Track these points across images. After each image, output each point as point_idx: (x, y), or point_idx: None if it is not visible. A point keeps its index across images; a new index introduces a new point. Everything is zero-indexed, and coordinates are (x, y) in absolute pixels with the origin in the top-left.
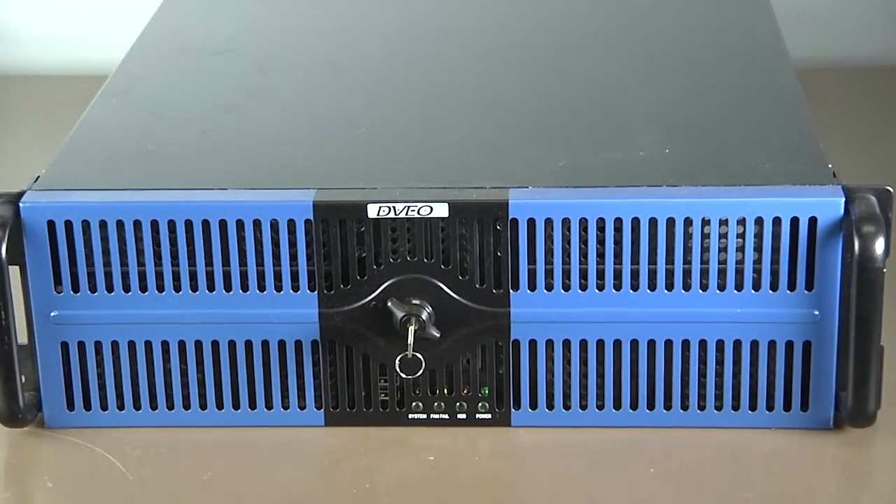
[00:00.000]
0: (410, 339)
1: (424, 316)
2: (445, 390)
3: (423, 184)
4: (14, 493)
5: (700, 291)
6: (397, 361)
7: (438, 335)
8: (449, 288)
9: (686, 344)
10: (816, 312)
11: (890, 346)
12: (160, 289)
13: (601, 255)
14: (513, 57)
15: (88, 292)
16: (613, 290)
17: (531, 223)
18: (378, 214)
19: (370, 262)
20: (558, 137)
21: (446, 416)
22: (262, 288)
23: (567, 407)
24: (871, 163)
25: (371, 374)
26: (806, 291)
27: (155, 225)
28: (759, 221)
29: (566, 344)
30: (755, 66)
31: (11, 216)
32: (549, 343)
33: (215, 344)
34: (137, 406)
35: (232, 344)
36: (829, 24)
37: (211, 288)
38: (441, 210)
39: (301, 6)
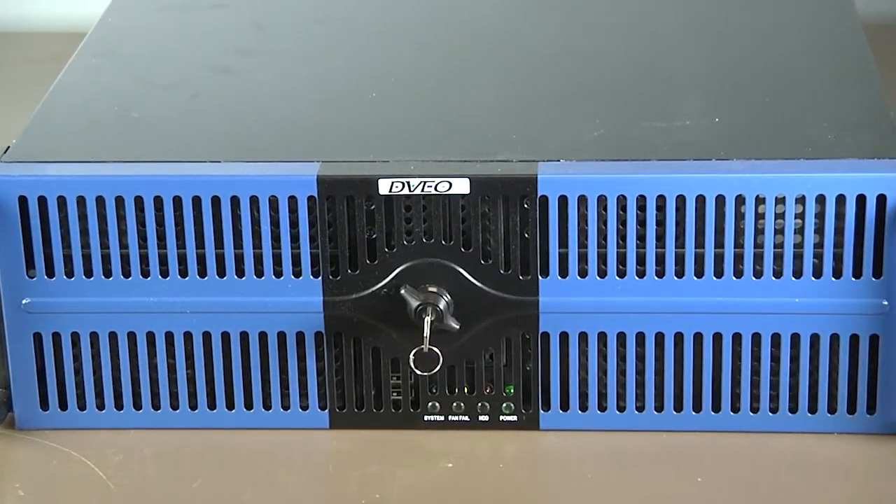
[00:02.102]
0: (426, 332)
1: (442, 305)
2: (465, 389)
3: (441, 156)
4: None
5: (753, 279)
6: (411, 356)
7: (458, 327)
8: (470, 274)
9: (737, 338)
10: (885, 302)
11: None
12: (145, 274)
13: (641, 238)
14: (544, 15)
15: (64, 277)
16: (655, 277)
17: (563, 201)
18: (390, 191)
19: (381, 245)
20: (594, 105)
21: (466, 418)
22: (259, 273)
23: (602, 408)
24: None
25: (382, 371)
26: (873, 279)
27: (139, 202)
28: (820, 200)
29: (601, 337)
30: (816, 24)
31: None
32: (583, 336)
33: (207, 336)
34: (119, 405)
35: (226, 336)
36: None
37: (202, 273)
38: (461, 186)
39: None
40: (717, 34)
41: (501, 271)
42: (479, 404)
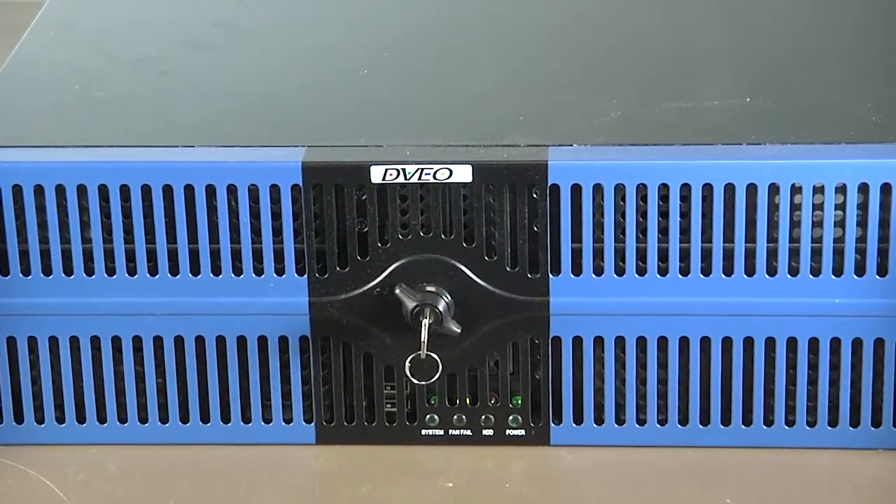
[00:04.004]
0: (424, 336)
1: (441, 307)
2: (468, 400)
3: (440, 141)
4: None
5: (788, 277)
6: (407, 363)
7: (459, 331)
8: (472, 271)
9: (770, 343)
10: None
11: None
12: (110, 271)
13: (664, 231)
14: None
15: (20, 275)
16: (679, 275)
17: (576, 190)
18: (384, 179)
19: (374, 240)
20: (610, 83)
21: (469, 433)
22: (237, 271)
23: (620, 421)
24: None
25: (374, 380)
26: None
27: (104, 191)
28: (863, 188)
29: (619, 342)
30: None
31: None
32: (598, 341)
33: (179, 340)
34: (82, 418)
35: (200, 341)
36: None
37: (174, 271)
38: (463, 174)
39: None
40: (747, 4)
41: (508, 269)
42: (483, 417)
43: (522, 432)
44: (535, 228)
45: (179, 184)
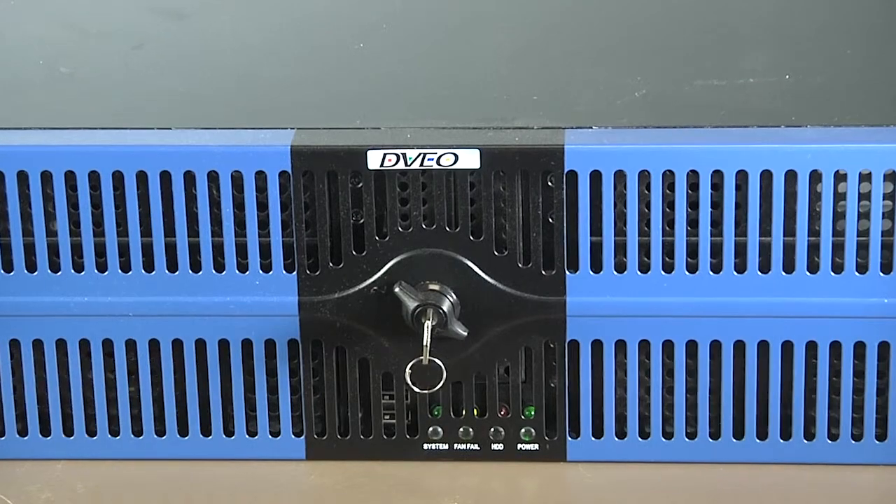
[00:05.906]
0: (427, 340)
1: (446, 307)
2: (475, 411)
3: (444, 122)
4: None
5: (832, 274)
6: (408, 370)
7: (465, 333)
8: (480, 268)
9: (812, 347)
10: None
11: None
12: (78, 267)
13: (693, 223)
14: None
15: None
16: (710, 272)
17: (595, 177)
18: (382, 164)
19: (371, 232)
20: (634, 59)
21: (476, 447)
22: (219, 267)
23: (644, 435)
24: None
25: (371, 388)
26: None
27: (70, 178)
28: None
29: (643, 346)
30: None
31: None
32: (620, 345)
33: (154, 344)
34: (46, 431)
35: (178, 344)
36: None
37: (149, 267)
38: (470, 159)
39: None
40: None
41: (519, 265)
42: (492, 430)
43: (536, 447)
44: (550, 220)
45: (155, 170)
